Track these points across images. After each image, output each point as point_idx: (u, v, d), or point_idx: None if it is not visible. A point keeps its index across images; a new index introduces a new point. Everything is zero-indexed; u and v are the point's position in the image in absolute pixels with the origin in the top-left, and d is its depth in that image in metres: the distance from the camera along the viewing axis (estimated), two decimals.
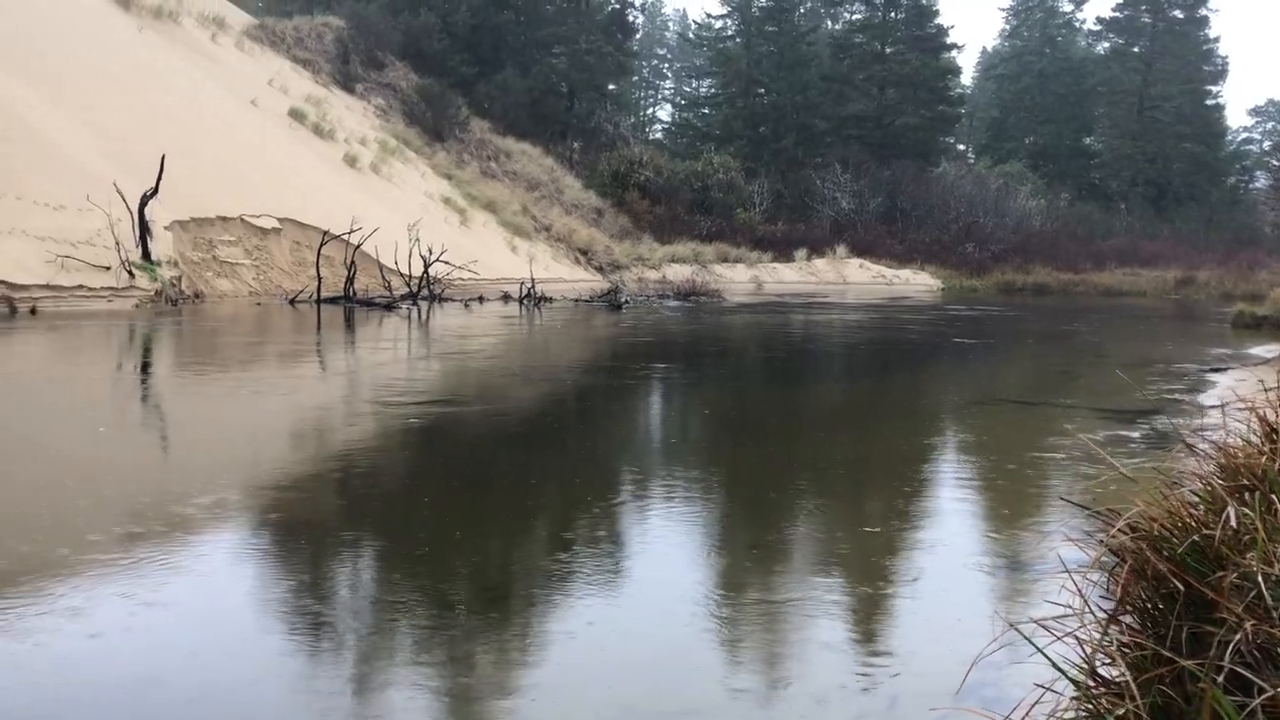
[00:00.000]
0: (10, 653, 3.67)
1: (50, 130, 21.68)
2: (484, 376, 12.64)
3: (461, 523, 5.61)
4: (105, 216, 19.27)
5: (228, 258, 23.24)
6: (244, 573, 4.65)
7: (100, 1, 30.97)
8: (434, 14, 54.49)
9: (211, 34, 36.75)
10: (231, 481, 6.36)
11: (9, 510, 5.66)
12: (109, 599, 4.18)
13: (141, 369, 12.45)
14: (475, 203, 39.94)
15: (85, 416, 8.63)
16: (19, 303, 16.98)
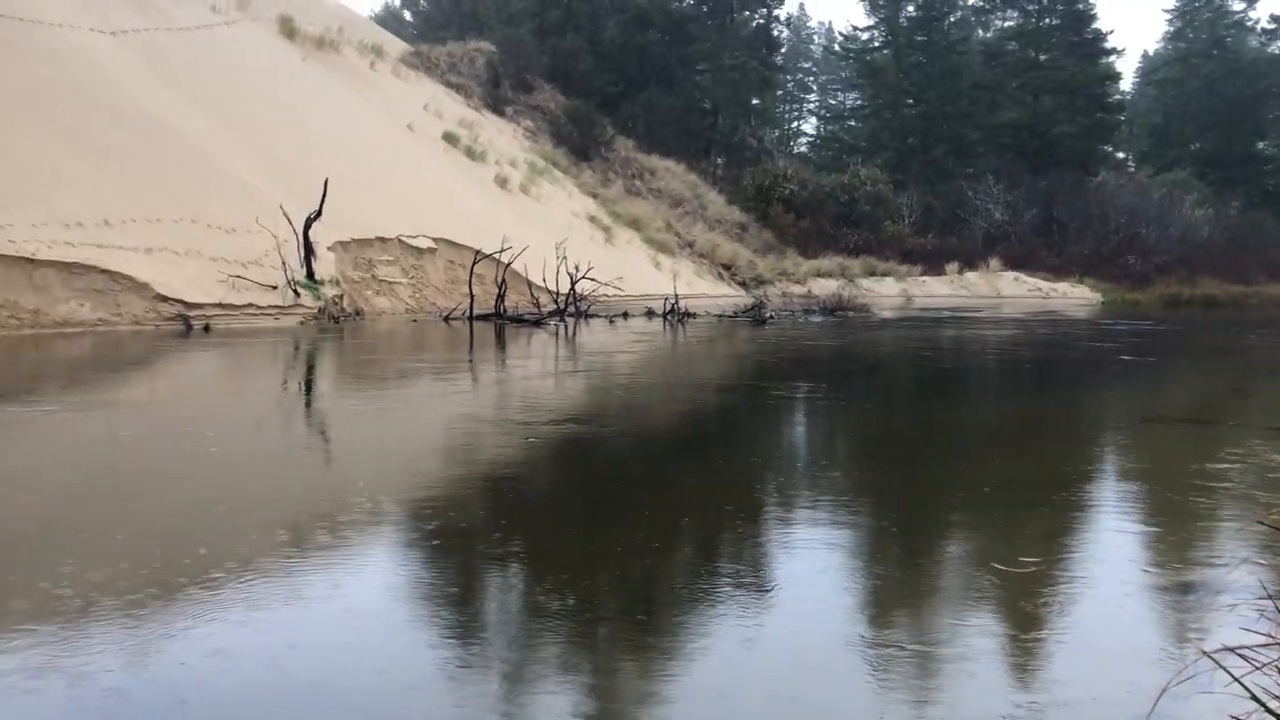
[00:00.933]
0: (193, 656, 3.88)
1: (224, 158, 22.93)
2: (629, 393, 12.75)
3: (608, 539, 5.66)
4: (273, 238, 20.24)
5: (386, 276, 24.11)
6: (399, 582, 4.80)
7: (268, 35, 32.62)
8: (581, 35, 55.47)
9: (370, 62, 38.24)
10: (388, 492, 6.58)
11: (176, 519, 5.98)
12: (271, 606, 4.37)
13: (305, 383, 13.02)
14: (620, 220, 40.40)
15: (254, 427, 9.07)
16: (195, 320, 17.98)
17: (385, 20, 67.47)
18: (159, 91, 23.88)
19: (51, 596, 4.41)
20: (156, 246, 18.82)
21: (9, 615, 4.20)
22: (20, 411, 9.77)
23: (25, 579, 4.71)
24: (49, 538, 5.44)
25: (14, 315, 16.08)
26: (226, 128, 24.22)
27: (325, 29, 35.51)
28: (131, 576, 4.67)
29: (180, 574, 4.74)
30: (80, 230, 17.74)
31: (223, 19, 30.62)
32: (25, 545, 5.34)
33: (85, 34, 23.73)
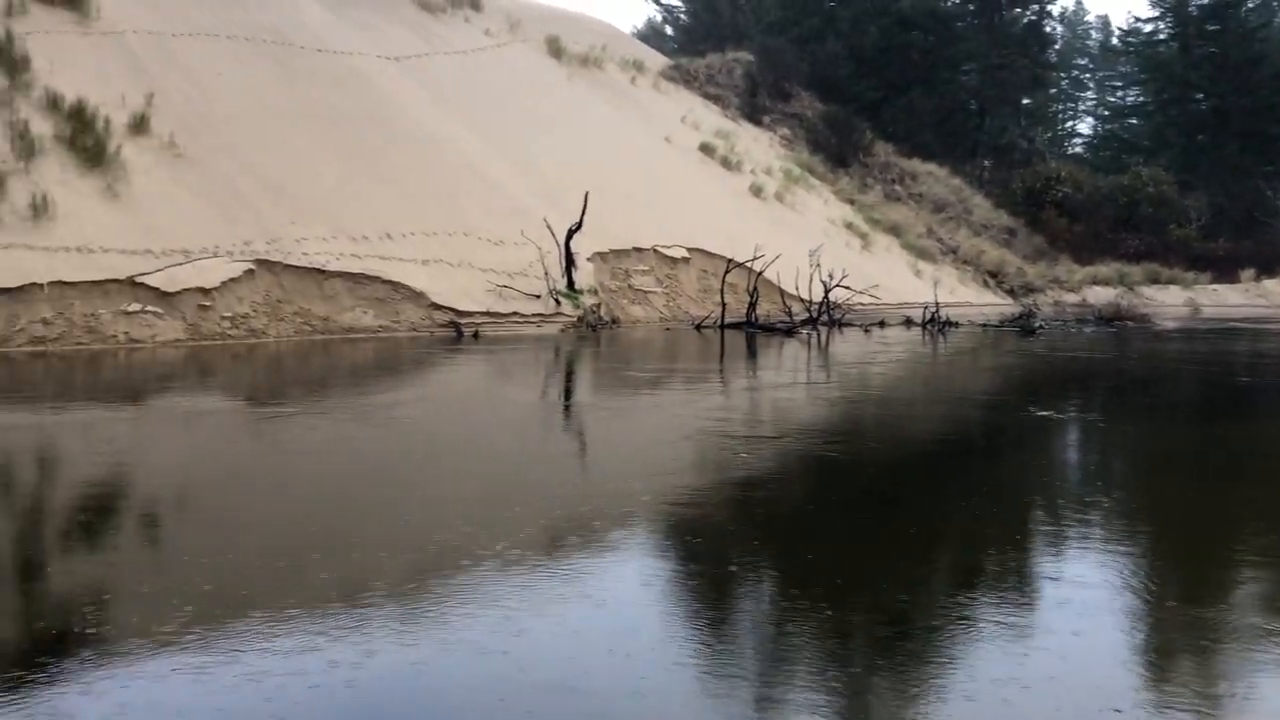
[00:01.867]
0: (436, 646, 4.02)
1: (494, 174, 24.13)
2: (882, 407, 12.38)
3: (861, 558, 5.46)
4: (537, 250, 21.10)
5: (641, 286, 24.63)
6: (652, 593, 4.81)
7: (537, 55, 34.09)
8: (841, 41, 54.77)
9: (631, 77, 39.24)
10: (642, 501, 6.64)
11: (437, 513, 6.26)
12: (524, 603, 4.47)
13: (564, 388, 13.45)
14: (878, 226, 39.50)
15: (516, 431, 9.43)
16: (465, 326, 19.00)
17: (647, 36, 69.11)
18: (436, 112, 25.44)
19: (335, 584, 4.71)
20: (432, 258, 20.02)
21: (308, 601, 4.52)
22: (309, 409, 10.60)
23: (313, 569, 5.06)
24: (331, 532, 5.82)
25: (306, 322, 17.51)
26: (497, 145, 25.50)
27: (590, 47, 36.73)
28: (399, 567, 4.92)
29: (440, 571, 4.95)
30: (365, 243, 19.12)
31: (495, 42, 32.30)
32: (311, 538, 5.74)
33: (372, 60, 25.60)
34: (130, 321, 15.32)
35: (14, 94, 17.06)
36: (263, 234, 17.75)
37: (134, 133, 17.93)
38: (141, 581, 5.10)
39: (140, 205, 16.85)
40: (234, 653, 4.00)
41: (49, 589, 5.08)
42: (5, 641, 4.35)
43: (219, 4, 23.24)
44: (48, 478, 7.74)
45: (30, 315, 14.50)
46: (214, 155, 18.80)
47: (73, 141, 16.91)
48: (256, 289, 17.01)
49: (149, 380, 12.83)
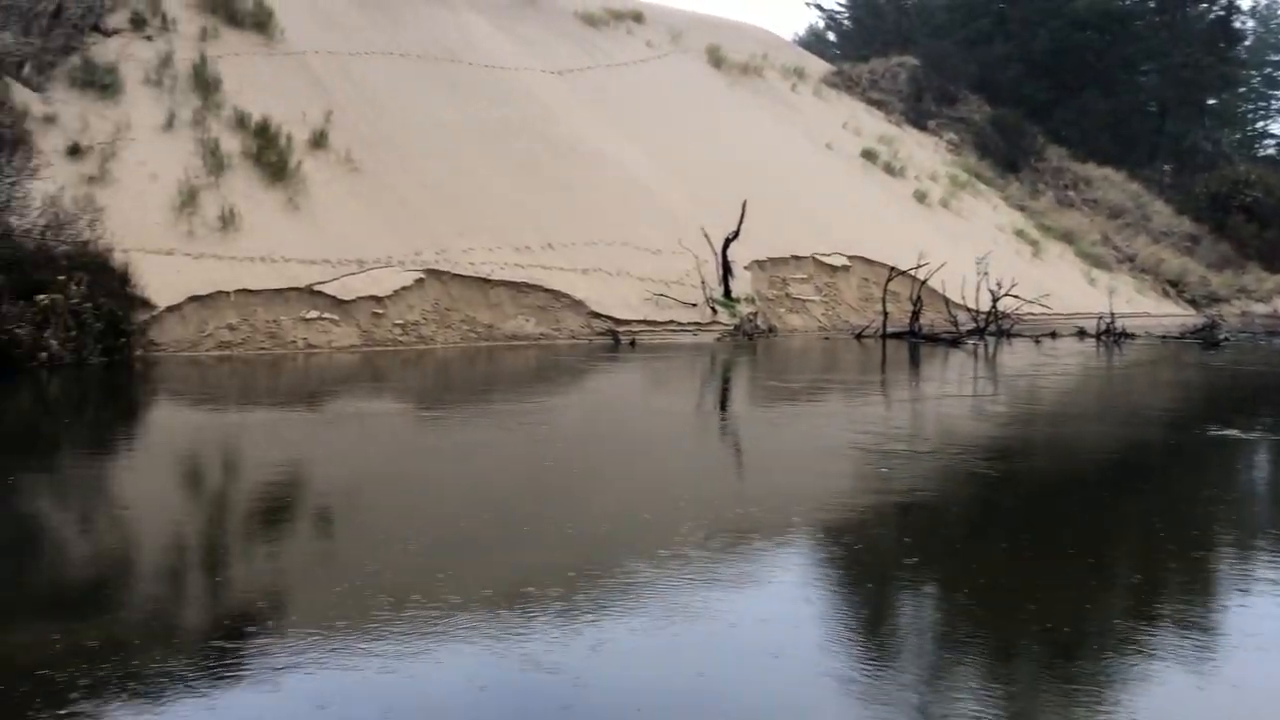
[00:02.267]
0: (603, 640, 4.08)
1: (653, 184, 24.36)
2: (1052, 422, 11.91)
3: (1024, 576, 5.27)
4: (694, 258, 21.18)
5: (799, 294, 24.41)
6: (805, 595, 4.76)
7: (697, 65, 34.25)
8: (1011, 43, 53.07)
9: (792, 84, 38.99)
10: (797, 508, 6.58)
11: (595, 520, 6.34)
12: (678, 611, 4.49)
13: (720, 397, 13.45)
14: (1049, 233, 38.05)
15: (673, 437, 9.49)
16: (622, 335, 19.22)
17: (809, 43, 68.51)
18: (598, 124, 25.87)
19: (496, 584, 4.85)
20: (592, 267, 20.36)
21: (470, 600, 4.67)
22: (474, 413, 10.93)
23: (475, 568, 5.22)
24: (493, 533, 5.99)
25: (472, 329, 18.05)
26: (657, 155, 25.73)
27: (750, 56, 36.68)
28: (557, 571, 5.02)
29: (596, 577, 5.02)
30: (528, 253, 19.60)
31: (657, 53, 32.62)
32: (474, 539, 5.92)
33: (537, 74, 26.24)
34: (309, 328, 16.10)
35: (206, 113, 18.19)
36: (432, 244, 18.40)
37: (313, 148, 18.86)
38: (316, 575, 5.36)
39: (318, 217, 17.70)
40: (402, 648, 4.16)
41: (231, 579, 5.39)
42: (192, 628, 4.63)
43: (393, 24, 24.23)
44: (232, 474, 8.21)
45: (218, 321, 15.41)
46: (387, 169, 19.60)
47: (258, 157, 17.90)
48: (426, 297, 17.63)
49: (326, 384, 13.46)
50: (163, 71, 18.39)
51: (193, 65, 18.78)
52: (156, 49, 18.86)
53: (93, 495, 7.52)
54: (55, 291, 12.92)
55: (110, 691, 3.93)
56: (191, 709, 3.76)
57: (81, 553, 6.10)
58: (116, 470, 8.34)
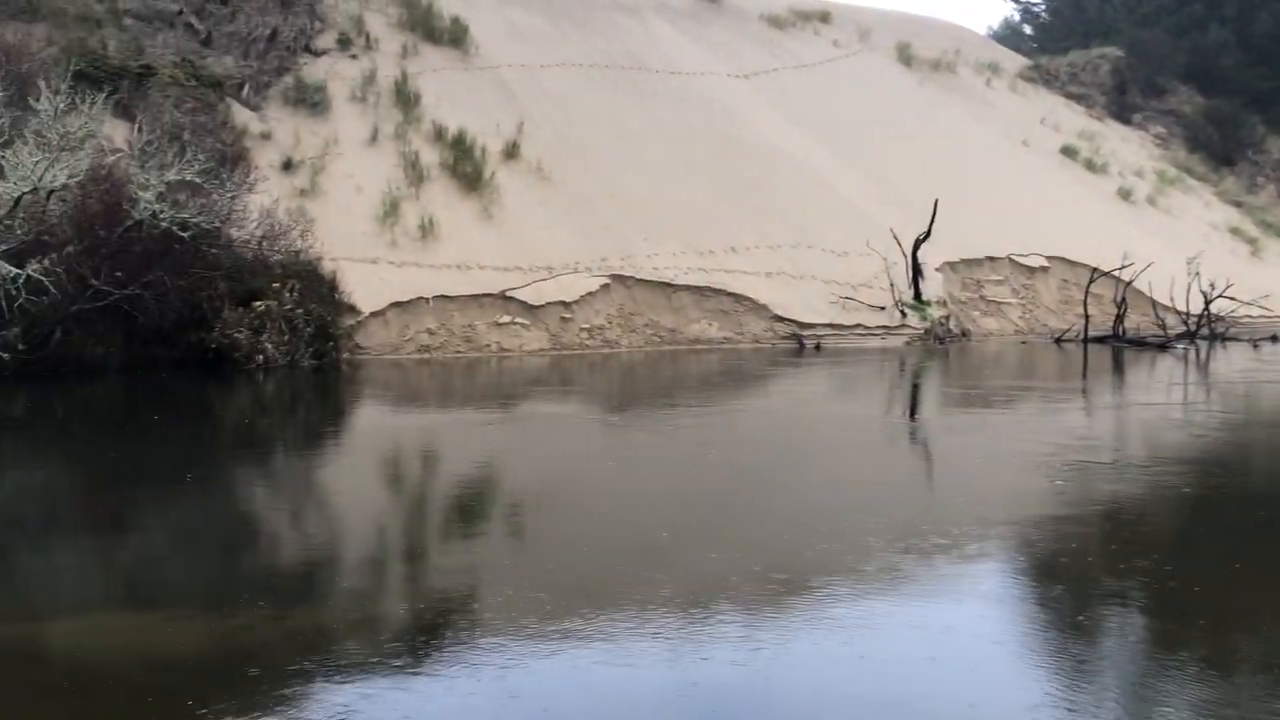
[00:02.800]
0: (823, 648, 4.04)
1: (839, 185, 24.03)
2: (1274, 433, 11.08)
3: (1230, 600, 4.92)
4: (882, 261, 20.75)
5: (994, 296, 23.56)
6: (1005, 608, 4.59)
7: (886, 63, 33.59)
8: (1227, 28, 49.75)
9: (986, 79, 37.72)
10: (991, 526, 6.35)
11: (779, 527, 6.28)
12: (865, 623, 4.40)
13: (910, 403, 13.13)
14: (1270, 231, 35.45)
15: (861, 443, 9.32)
16: (807, 339, 19.02)
17: (1004, 36, 66.07)
18: (783, 126, 25.70)
19: (681, 586, 4.88)
20: (776, 271, 20.24)
21: (655, 601, 4.72)
22: (659, 417, 11.03)
23: (660, 569, 5.26)
24: (679, 535, 6.03)
25: (656, 333, 18.23)
26: (842, 156, 25.37)
27: (941, 52, 35.70)
28: (742, 576, 5.01)
29: (781, 584, 4.98)
30: (711, 257, 19.65)
31: (844, 52, 32.17)
32: (661, 541, 5.97)
33: (722, 79, 26.29)
34: (501, 332, 16.64)
35: (407, 127, 19.05)
36: (618, 250, 18.69)
37: (506, 158, 19.47)
38: (508, 571, 5.52)
39: (510, 225, 18.26)
40: (591, 646, 4.24)
41: (428, 572, 5.61)
42: (392, 617, 4.85)
43: (581, 35, 24.77)
44: (430, 472, 8.56)
45: (418, 326, 16.10)
46: (575, 177, 20.04)
47: (454, 169, 18.61)
48: (611, 302, 17.94)
49: (517, 386, 13.86)
50: (367, 88, 19.36)
51: (394, 81, 19.70)
52: (361, 67, 19.87)
53: (303, 489, 7.98)
54: (270, 298, 13.77)
55: (319, 674, 4.15)
56: (393, 694, 3.93)
57: (292, 542, 6.48)
58: (325, 466, 8.83)
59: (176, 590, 5.44)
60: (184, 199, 13.22)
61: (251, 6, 19.63)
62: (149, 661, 4.40)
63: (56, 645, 4.72)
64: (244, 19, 19.43)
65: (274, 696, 3.96)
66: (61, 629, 4.91)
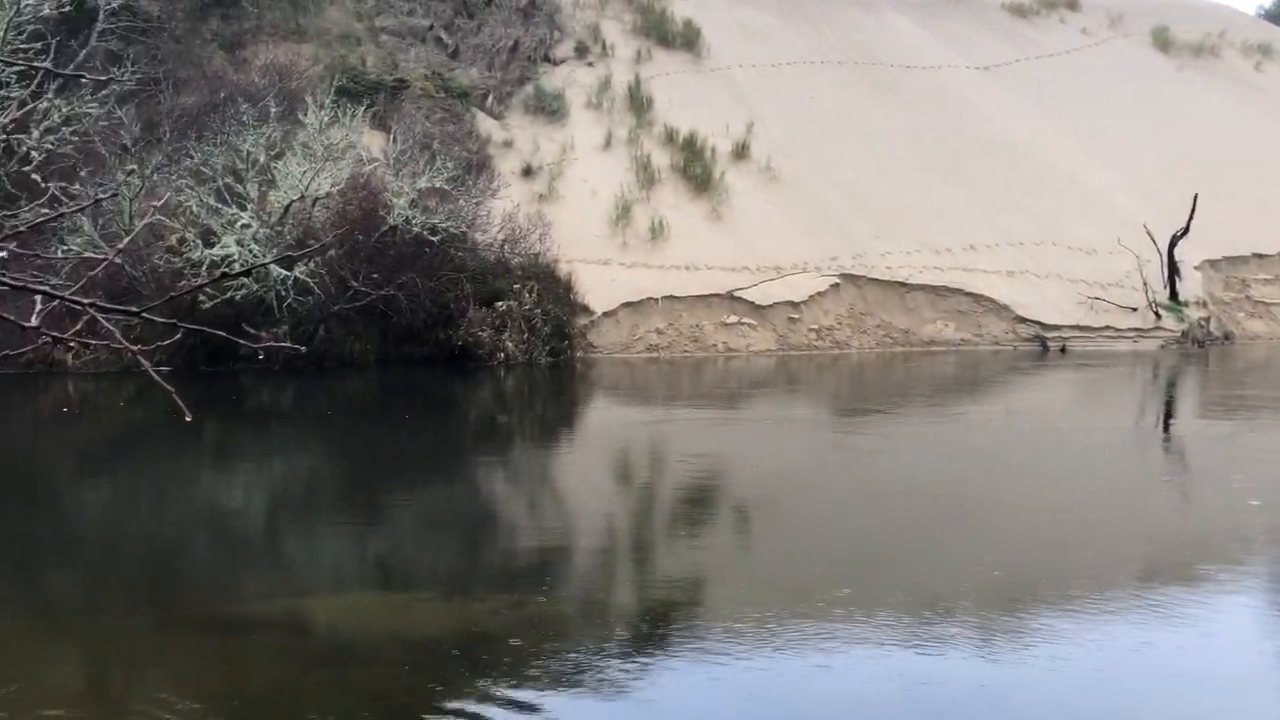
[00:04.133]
0: None
1: (1086, 179, 22.76)
2: None
3: None
4: (1134, 258, 19.49)
5: (1263, 297, 21.70)
6: (1264, 637, 4.24)
7: (1139, 49, 31.58)
8: None
9: (1255, 63, 34.81)
10: (1256, 542, 5.87)
11: (1012, 536, 6.00)
12: (1109, 638, 4.15)
13: (1165, 413, 12.28)
14: None
15: (1106, 455, 8.80)
16: (1051, 341, 18.11)
17: (1278, 15, 60.86)
18: (1026, 119, 24.58)
19: (911, 592, 4.76)
20: (1017, 269, 19.38)
21: (884, 606, 4.64)
22: (889, 420, 10.79)
23: (888, 575, 5.16)
24: (906, 541, 5.89)
25: (888, 334, 17.83)
26: (1091, 148, 24.02)
27: (1204, 35, 33.20)
28: (976, 584, 4.83)
29: (1020, 594, 4.77)
30: (947, 255, 19.03)
31: (1093, 40, 30.45)
32: (887, 546, 5.85)
33: (960, 71, 25.42)
34: (728, 332, 16.71)
35: (639, 131, 19.43)
36: (848, 248, 18.40)
37: (736, 159, 19.53)
38: (732, 570, 5.54)
39: (739, 225, 18.31)
40: (820, 648, 4.19)
41: (659, 567, 5.71)
42: (624, 609, 4.96)
43: (814, 32, 24.53)
44: (659, 468, 8.71)
45: (647, 326, 16.40)
46: (805, 175, 19.87)
47: (685, 170, 18.83)
48: (841, 302, 17.68)
49: (744, 386, 13.89)
50: (602, 94, 19.88)
51: (628, 86, 20.14)
52: (597, 74, 20.42)
53: (540, 481, 8.29)
54: (511, 299, 14.38)
55: (557, 661, 4.29)
56: (631, 685, 4.02)
57: (530, 532, 6.73)
58: (561, 460, 9.14)
59: (424, 573, 5.77)
60: (433, 205, 14.00)
61: (496, 19, 20.53)
62: (399, 639, 4.68)
63: (318, 620, 5.09)
64: (489, 32, 20.35)
65: (513, 680, 4.13)
66: (322, 605, 5.29)
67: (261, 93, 15.04)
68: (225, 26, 18.70)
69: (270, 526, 7.14)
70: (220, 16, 18.71)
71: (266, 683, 4.32)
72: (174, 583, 5.83)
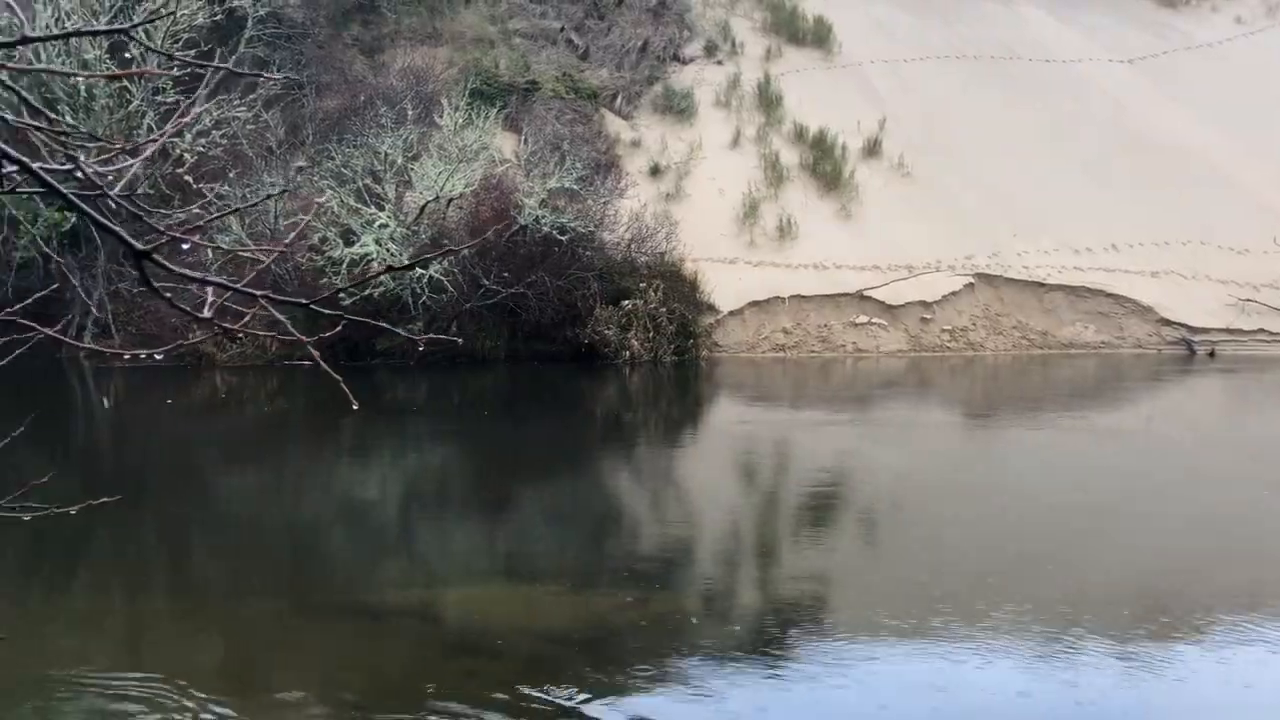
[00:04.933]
0: None
1: (1240, 176, 21.66)
2: None
3: None
4: None
5: None
6: None
7: None
8: None
9: None
10: None
11: (1150, 555, 5.75)
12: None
13: None
14: None
15: (1257, 467, 8.36)
16: (1198, 345, 17.31)
17: None
18: (1172, 113, 23.54)
19: (1038, 607, 4.61)
20: (1162, 270, 18.58)
21: (1009, 620, 4.51)
22: (1025, 426, 10.47)
23: (1016, 589, 5.01)
24: (1037, 554, 5.70)
25: (1024, 336, 17.30)
26: (1245, 143, 22.84)
27: None
28: (1110, 602, 4.65)
29: (1153, 617, 4.58)
30: (1088, 255, 18.36)
31: (1247, 29, 28.95)
32: (1017, 557, 5.67)
33: (1101, 64, 24.49)
34: (858, 332, 16.46)
35: (768, 129, 19.30)
36: (983, 248, 17.92)
37: (866, 156, 19.22)
38: (863, 576, 5.46)
39: (869, 224, 18.01)
40: (951, 657, 4.10)
41: (784, 570, 5.66)
42: (748, 610, 4.93)
43: (946, 27, 23.96)
44: (784, 470, 8.63)
45: (773, 325, 16.27)
46: (939, 173, 19.42)
47: (814, 168, 18.63)
48: (976, 302, 17.23)
49: (873, 388, 13.66)
50: (731, 93, 19.81)
51: (757, 84, 20.02)
52: (726, 72, 20.36)
53: (665, 479, 8.31)
54: (637, 298, 14.45)
55: (680, 659, 4.30)
56: (758, 688, 4.00)
57: (654, 530, 6.76)
58: (685, 459, 9.15)
59: (551, 567, 5.84)
60: (562, 205, 14.17)
61: (626, 20, 20.67)
62: (529, 632, 4.75)
63: (450, 609, 5.22)
64: (619, 32, 20.50)
65: (639, 677, 4.15)
66: (454, 595, 5.42)
67: (399, 96, 15.48)
68: (365, 32, 19.30)
69: (404, 517, 7.34)
70: (361, 22, 19.32)
71: (400, 670, 4.44)
72: (313, 569, 6.05)
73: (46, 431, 8.51)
